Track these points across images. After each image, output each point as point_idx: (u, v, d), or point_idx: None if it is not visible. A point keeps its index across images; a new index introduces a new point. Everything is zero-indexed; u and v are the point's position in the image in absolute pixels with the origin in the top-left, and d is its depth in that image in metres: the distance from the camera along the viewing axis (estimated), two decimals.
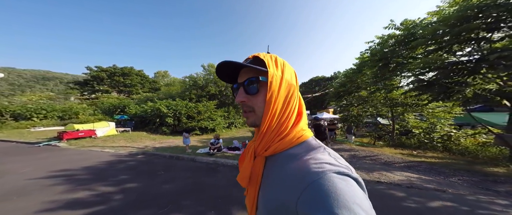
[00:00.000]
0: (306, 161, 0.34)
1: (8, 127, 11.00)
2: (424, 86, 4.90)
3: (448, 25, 4.08)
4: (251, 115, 0.42)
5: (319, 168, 0.31)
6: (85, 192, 2.90)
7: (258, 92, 0.40)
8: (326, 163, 0.32)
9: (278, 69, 0.40)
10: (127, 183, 3.32)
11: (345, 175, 0.30)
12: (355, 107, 11.36)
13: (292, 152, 0.38)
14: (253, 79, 0.40)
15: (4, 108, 11.72)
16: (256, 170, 0.41)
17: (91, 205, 2.48)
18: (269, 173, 0.39)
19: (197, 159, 5.07)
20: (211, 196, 2.79)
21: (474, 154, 6.65)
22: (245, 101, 0.41)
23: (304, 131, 0.42)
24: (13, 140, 7.80)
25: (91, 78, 24.80)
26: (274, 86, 0.39)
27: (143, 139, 9.45)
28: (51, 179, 3.48)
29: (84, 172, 3.92)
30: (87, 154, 5.75)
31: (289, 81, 0.41)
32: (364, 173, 4.23)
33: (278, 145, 0.39)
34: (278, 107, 0.39)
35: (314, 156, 0.35)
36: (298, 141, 0.39)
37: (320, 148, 0.38)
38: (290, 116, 0.41)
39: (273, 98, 0.39)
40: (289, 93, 0.41)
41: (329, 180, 0.29)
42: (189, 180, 3.51)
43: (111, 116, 14.94)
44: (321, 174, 0.30)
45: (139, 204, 2.53)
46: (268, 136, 0.39)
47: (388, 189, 3.15)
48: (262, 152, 0.40)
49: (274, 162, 0.40)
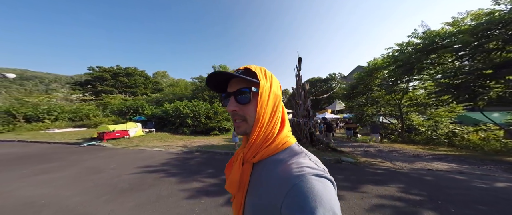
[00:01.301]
0: (289, 166, 0.36)
1: (22, 129, 10.60)
2: (451, 89, 5.71)
3: (476, 37, 4.90)
4: (243, 124, 0.43)
5: (300, 172, 0.33)
6: (198, 183, 3.26)
7: (250, 102, 0.42)
8: (306, 166, 0.35)
9: (267, 81, 0.43)
10: (222, 174, 3.70)
11: (322, 177, 0.33)
12: (369, 107, 12.23)
13: (277, 158, 0.41)
14: (246, 90, 0.42)
15: (16, 109, 11.24)
16: (244, 176, 0.42)
17: (218, 193, 2.85)
18: (256, 179, 0.41)
19: None
20: None
21: (479, 147, 7.62)
22: (236, 111, 0.43)
23: (288, 137, 0.44)
24: (47, 141, 7.70)
25: (93, 78, 23.88)
26: (264, 97, 0.41)
27: (171, 138, 9.62)
28: (148, 173, 3.77)
29: (169, 167, 4.23)
30: (144, 153, 5.95)
31: (276, 92, 0.45)
32: (406, 163, 4.90)
33: (265, 151, 0.41)
34: (266, 116, 0.42)
35: (297, 160, 0.37)
36: (283, 147, 0.42)
37: (302, 153, 0.41)
38: (276, 123, 0.43)
39: (263, 108, 0.41)
40: (275, 104, 0.44)
41: (308, 182, 0.31)
42: None
43: (123, 117, 14.73)
44: (302, 177, 0.32)
45: None
46: (256, 144, 0.41)
47: (447, 174, 3.81)
48: (250, 159, 0.42)
49: (261, 167, 0.41)
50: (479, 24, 5.27)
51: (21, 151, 6.10)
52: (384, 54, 9.85)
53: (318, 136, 7.39)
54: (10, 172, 3.82)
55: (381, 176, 3.72)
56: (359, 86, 12.38)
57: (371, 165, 4.57)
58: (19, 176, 3.60)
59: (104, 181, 3.32)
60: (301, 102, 7.74)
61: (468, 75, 5.16)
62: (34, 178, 3.47)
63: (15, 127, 10.55)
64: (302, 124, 7.32)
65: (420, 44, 7.38)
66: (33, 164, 4.44)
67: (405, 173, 3.88)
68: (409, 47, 8.00)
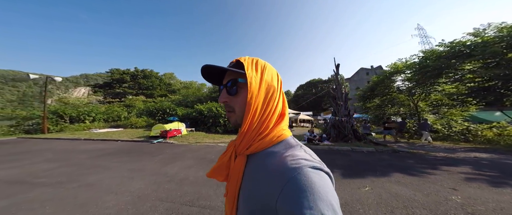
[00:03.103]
0: (285, 158, 0.36)
1: (68, 129, 11.17)
2: (481, 91, 6.73)
3: (503, 47, 5.94)
4: (233, 115, 0.44)
5: (296, 164, 0.33)
6: None
7: (238, 93, 0.43)
8: (302, 158, 0.35)
9: (257, 72, 0.43)
10: None
11: (318, 169, 0.33)
12: (389, 107, 13.26)
13: (272, 150, 0.40)
14: (234, 82, 0.43)
15: (63, 111, 11.80)
16: (237, 169, 0.41)
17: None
18: (251, 172, 0.40)
19: (315, 148, 6.36)
20: (366, 167, 4.18)
21: (496, 142, 8.64)
22: (227, 102, 0.44)
23: (284, 130, 0.44)
24: (115, 139, 8.41)
25: (112, 80, 24.30)
26: (253, 87, 0.41)
27: (213, 136, 10.40)
28: None
29: None
30: (213, 148, 6.72)
31: (269, 82, 0.44)
32: (450, 154, 5.79)
33: (259, 144, 0.40)
34: (258, 107, 0.41)
35: (292, 153, 0.37)
36: (278, 139, 0.41)
37: (297, 146, 0.40)
38: (270, 115, 0.42)
39: (253, 99, 0.40)
40: (268, 94, 0.43)
41: (305, 174, 0.31)
42: (346, 159, 4.83)
43: (153, 117, 15.36)
44: (298, 169, 0.32)
45: (355, 172, 3.84)
46: (249, 135, 0.41)
47: (497, 160, 4.74)
48: (243, 151, 0.41)
49: (255, 160, 0.41)
50: (504, 35, 6.32)
51: (108, 147, 6.79)
52: (406, 59, 10.94)
53: (362, 132, 8.29)
54: (142, 161, 4.57)
55: (444, 161, 4.64)
56: (378, 88, 13.43)
57: (426, 154, 5.48)
58: (161, 163, 4.36)
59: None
60: (342, 103, 8.68)
61: (498, 80, 6.18)
62: (173, 164, 4.25)
63: (63, 127, 11.11)
64: (345, 122, 8.24)
65: (444, 52, 8.44)
66: (145, 156, 5.19)
67: (461, 159, 4.81)
68: (433, 56, 9.07)
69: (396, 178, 3.37)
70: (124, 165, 4.25)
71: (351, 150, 6.03)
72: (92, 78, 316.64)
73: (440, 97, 10.45)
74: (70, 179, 3.33)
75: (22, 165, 4.32)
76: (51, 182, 3.16)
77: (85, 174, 3.59)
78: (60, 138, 8.81)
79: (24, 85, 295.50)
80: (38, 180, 3.26)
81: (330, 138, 8.10)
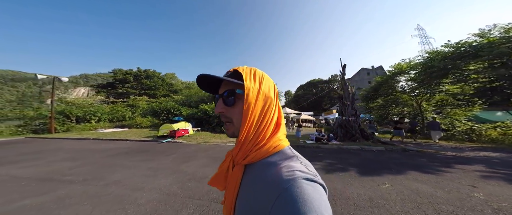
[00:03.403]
0: (280, 169, 0.36)
1: (75, 129, 11.21)
2: (487, 91, 6.82)
3: (510, 47, 6.04)
4: (230, 126, 0.44)
5: (291, 175, 0.33)
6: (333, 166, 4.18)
7: (235, 104, 0.43)
8: (297, 170, 0.35)
9: (255, 83, 0.43)
10: (339, 160, 4.62)
11: (312, 181, 0.33)
12: (393, 107, 13.36)
13: (268, 160, 0.40)
14: (231, 92, 0.42)
15: (69, 111, 11.83)
16: (235, 178, 0.42)
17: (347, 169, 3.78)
18: (247, 182, 0.40)
19: (324, 147, 6.43)
20: (379, 165, 4.25)
21: (501, 142, 8.74)
22: (223, 112, 0.43)
23: (281, 140, 0.44)
24: (123, 139, 8.45)
25: (115, 80, 24.32)
26: (250, 98, 0.41)
27: (219, 136, 10.43)
28: None
29: None
30: (222, 147, 6.78)
31: (267, 94, 0.44)
32: (459, 152, 5.83)
33: (256, 154, 0.41)
34: (255, 118, 0.41)
35: (288, 164, 0.37)
36: (275, 150, 0.42)
37: (293, 157, 0.40)
38: (267, 126, 0.43)
39: (250, 110, 0.41)
40: (266, 105, 0.43)
41: (299, 186, 0.31)
42: (358, 158, 4.91)
43: (157, 117, 15.40)
44: (292, 181, 0.32)
45: (380, 165, 3.91)
46: (246, 145, 0.41)
47: (507, 158, 4.82)
48: (240, 161, 0.42)
49: (252, 170, 0.41)
50: (511, 37, 6.42)
51: (119, 146, 6.84)
52: (410, 60, 11.05)
53: (369, 132, 8.37)
54: (157, 160, 4.62)
55: (455, 159, 4.73)
56: (381, 88, 13.53)
57: (436, 153, 5.56)
58: (177, 162, 4.43)
59: None
60: (349, 103, 8.77)
61: (505, 80, 6.27)
62: (189, 163, 4.31)
63: (69, 127, 11.14)
64: (352, 122, 8.33)
65: (449, 53, 8.53)
66: (158, 155, 5.25)
67: (472, 158, 4.89)
68: (438, 56, 9.16)
69: (413, 175, 3.44)
70: (142, 164, 4.30)
71: (360, 149, 6.11)
72: (91, 79, 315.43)
73: (445, 97, 10.54)
74: (94, 176, 3.39)
75: (42, 163, 4.38)
76: (78, 180, 3.23)
77: (107, 172, 3.65)
78: (69, 138, 8.85)
79: (23, 86, 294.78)
80: (65, 178, 3.33)
81: (338, 138, 8.19)
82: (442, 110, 11.38)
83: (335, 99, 55.42)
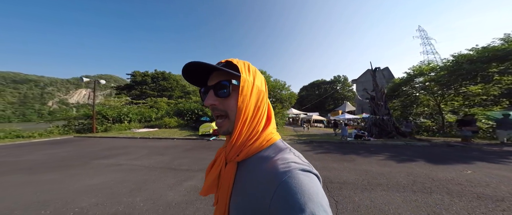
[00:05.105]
0: (275, 162, 0.36)
1: (112, 129, 11.69)
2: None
3: None
4: (225, 122, 0.42)
5: (286, 168, 0.33)
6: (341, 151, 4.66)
7: (230, 96, 0.41)
8: (292, 162, 0.35)
9: (250, 75, 0.42)
10: (387, 155, 5.11)
11: (307, 171, 0.34)
12: (414, 107, 13.86)
13: (262, 155, 0.40)
14: (226, 83, 0.40)
15: (106, 112, 12.35)
16: (228, 176, 0.40)
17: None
18: (241, 179, 0.39)
19: (369, 143, 6.90)
20: (441, 157, 4.73)
21: None
22: (216, 105, 0.41)
23: (272, 134, 0.44)
24: (171, 137, 8.96)
25: (134, 83, 24.85)
26: (245, 91, 0.40)
27: None
28: (311, 150, 5.15)
29: (328, 149, 5.61)
30: None
31: (260, 87, 0.43)
32: (497, 148, 6.20)
33: (249, 149, 0.40)
34: (249, 112, 0.40)
35: (282, 156, 0.37)
36: (268, 143, 0.42)
37: (286, 149, 0.40)
38: (260, 120, 0.42)
39: (245, 103, 0.40)
40: (259, 99, 0.43)
41: (295, 177, 0.31)
42: (412, 151, 5.39)
43: (182, 118, 15.90)
44: (288, 172, 0.32)
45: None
46: (240, 141, 0.40)
47: None
48: (234, 157, 0.40)
49: (246, 166, 0.40)
50: None
51: (174, 144, 7.32)
52: (428, 62, 11.65)
53: (406, 131, 8.86)
54: None
55: (506, 152, 5.18)
56: (400, 88, 14.12)
57: (480, 145, 6.01)
58: None
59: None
60: (382, 103, 9.29)
61: None
62: None
63: (107, 127, 11.62)
64: (387, 120, 8.83)
65: (474, 56, 9.09)
66: None
67: None
68: (463, 59, 9.70)
69: (483, 165, 3.88)
70: None
71: (406, 144, 6.59)
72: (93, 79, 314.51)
73: (473, 97, 10.95)
74: (200, 168, 3.85)
75: (143, 156, 4.93)
76: (194, 169, 3.74)
77: (205, 164, 4.14)
78: (118, 137, 9.32)
79: (24, 87, 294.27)
80: (182, 167, 3.85)
81: (373, 135, 8.66)
82: (459, 109, 11.88)
83: (338, 100, 55.19)
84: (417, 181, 2.98)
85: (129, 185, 2.91)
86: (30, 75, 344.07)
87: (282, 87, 19.69)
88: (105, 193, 2.61)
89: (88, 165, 4.16)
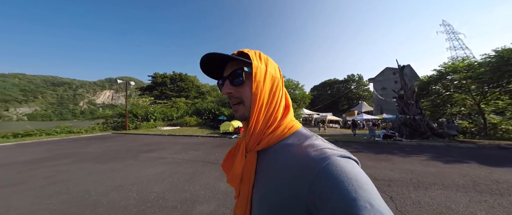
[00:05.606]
0: (305, 148, 0.34)
1: (141, 127, 12.62)
2: None
3: None
4: (241, 107, 0.42)
5: (322, 154, 0.31)
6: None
7: (244, 83, 0.41)
8: (326, 148, 0.33)
9: (262, 63, 0.42)
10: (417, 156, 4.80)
11: (347, 157, 0.31)
12: (448, 107, 12.75)
13: (286, 142, 0.38)
14: (239, 71, 0.41)
15: (136, 111, 13.44)
16: (249, 167, 0.39)
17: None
18: (264, 168, 0.38)
19: (401, 144, 6.52)
20: (494, 160, 4.27)
21: None
22: (232, 93, 0.42)
23: (294, 121, 0.42)
24: (196, 135, 9.46)
25: (154, 84, 26.72)
26: (258, 77, 0.40)
27: None
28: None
29: (357, 149, 5.42)
30: None
31: (273, 74, 0.43)
32: None
33: (270, 137, 0.39)
34: (265, 98, 0.40)
35: (311, 143, 0.35)
36: (290, 131, 0.40)
37: (313, 136, 0.38)
38: (277, 107, 0.41)
39: (259, 89, 0.39)
40: (274, 85, 0.42)
41: (337, 164, 0.29)
42: (456, 153, 5.01)
43: (200, 117, 16.55)
44: (327, 159, 0.30)
45: None
46: (258, 128, 0.39)
47: None
48: (254, 146, 0.39)
49: (268, 155, 0.38)
50: None
51: (200, 141, 7.69)
52: (462, 58, 10.64)
53: (448, 131, 8.16)
54: None
55: None
56: (430, 87, 13.06)
57: None
58: None
59: None
60: (413, 102, 8.72)
61: None
62: None
63: (136, 124, 12.59)
64: (419, 120, 8.26)
65: None
66: None
67: None
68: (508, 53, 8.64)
69: None
70: None
71: (446, 146, 6.11)
72: (114, 81, 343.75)
73: None
74: None
75: (180, 151, 5.29)
76: None
77: None
78: (147, 134, 10.07)
79: (61, 89, 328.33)
80: (219, 161, 4.02)
81: (403, 135, 8.15)
82: (505, 109, 10.63)
83: (353, 100, 52.38)
84: (479, 182, 2.80)
85: (183, 176, 3.15)
86: (65, 78, 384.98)
87: (295, 87, 19.43)
88: (167, 182, 2.87)
89: (140, 158, 4.60)
